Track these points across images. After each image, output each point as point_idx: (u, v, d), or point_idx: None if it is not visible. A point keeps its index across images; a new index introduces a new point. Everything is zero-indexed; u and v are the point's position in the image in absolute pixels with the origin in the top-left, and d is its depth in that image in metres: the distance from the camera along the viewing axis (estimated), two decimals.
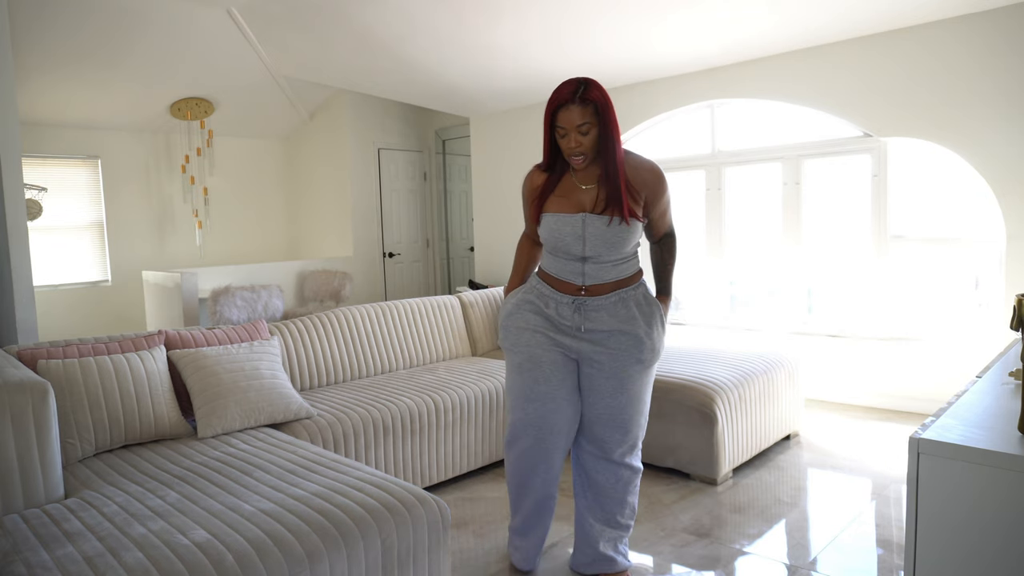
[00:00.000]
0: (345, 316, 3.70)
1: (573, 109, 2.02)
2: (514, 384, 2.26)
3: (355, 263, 7.28)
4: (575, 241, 2.13)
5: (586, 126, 2.03)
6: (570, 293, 2.19)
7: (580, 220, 2.12)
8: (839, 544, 2.60)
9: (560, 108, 2.04)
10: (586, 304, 2.17)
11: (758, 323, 5.06)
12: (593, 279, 2.16)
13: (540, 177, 2.22)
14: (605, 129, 2.06)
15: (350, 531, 1.76)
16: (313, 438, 2.76)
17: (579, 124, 2.03)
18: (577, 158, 2.09)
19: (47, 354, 2.53)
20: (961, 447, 1.25)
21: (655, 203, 2.20)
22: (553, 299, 2.21)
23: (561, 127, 2.06)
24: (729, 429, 3.21)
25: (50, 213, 6.41)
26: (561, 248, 2.16)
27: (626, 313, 2.17)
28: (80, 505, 1.94)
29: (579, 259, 2.16)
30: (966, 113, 3.95)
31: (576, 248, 2.14)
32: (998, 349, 3.81)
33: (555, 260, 2.21)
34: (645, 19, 4.29)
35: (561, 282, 2.20)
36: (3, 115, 3.72)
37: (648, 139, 5.65)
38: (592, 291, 2.17)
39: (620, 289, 2.18)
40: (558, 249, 2.18)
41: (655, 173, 2.18)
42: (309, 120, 7.63)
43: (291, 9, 4.88)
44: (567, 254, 2.17)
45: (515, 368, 2.25)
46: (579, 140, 2.05)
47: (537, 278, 2.29)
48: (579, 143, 2.05)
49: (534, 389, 2.20)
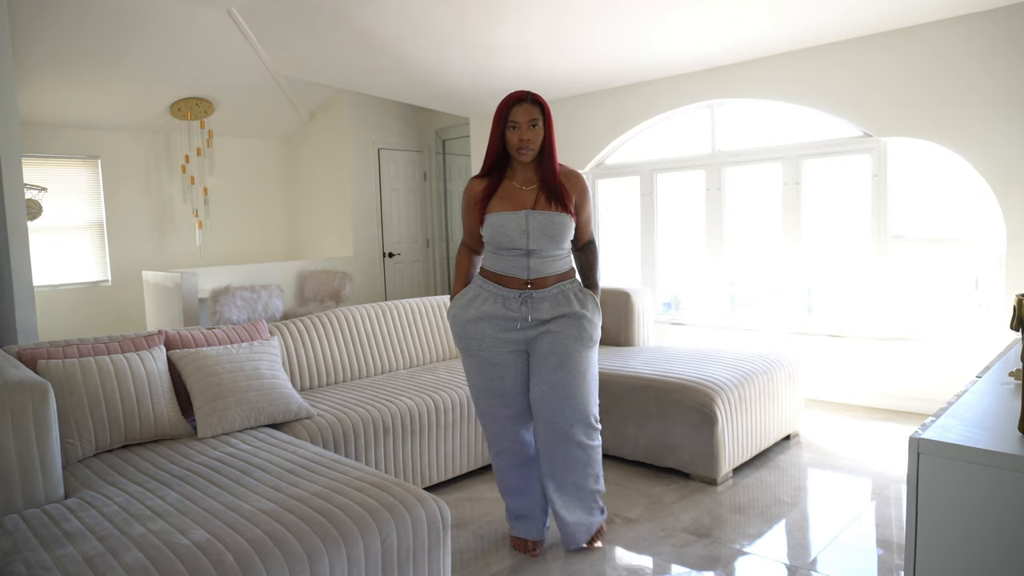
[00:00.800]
0: (345, 316, 3.70)
1: (526, 106, 2.33)
2: (473, 378, 2.52)
3: (355, 263, 7.28)
4: (520, 236, 2.35)
5: (535, 121, 2.34)
6: (516, 288, 2.40)
7: (523, 216, 2.36)
8: (839, 544, 2.60)
9: (515, 104, 2.34)
10: (532, 296, 2.39)
11: (758, 323, 5.06)
12: (537, 273, 2.40)
13: (480, 184, 2.45)
14: (548, 132, 2.38)
15: (350, 531, 1.76)
16: (313, 438, 2.76)
17: (531, 119, 2.33)
18: (524, 151, 2.35)
19: (47, 354, 2.53)
20: (961, 447, 1.25)
21: (582, 207, 2.48)
22: (500, 295, 2.41)
23: (514, 121, 2.33)
24: (729, 429, 3.21)
25: (50, 213, 6.41)
26: (506, 244, 2.37)
27: (566, 301, 2.42)
28: (80, 505, 1.94)
29: (524, 254, 2.38)
30: (966, 113, 3.95)
31: (521, 242, 2.36)
32: (998, 349, 3.81)
33: (499, 258, 2.42)
34: (645, 19, 4.29)
35: (507, 278, 2.41)
36: (3, 115, 3.72)
37: (648, 139, 5.66)
38: (536, 284, 2.40)
39: (560, 283, 2.43)
40: (503, 246, 2.38)
41: (581, 180, 2.49)
42: (309, 120, 7.63)
43: (291, 9, 4.88)
44: (512, 250, 2.38)
45: (472, 366, 2.49)
46: (529, 135, 2.33)
47: (481, 278, 2.47)
48: (529, 137, 2.33)
49: (490, 387, 2.47)
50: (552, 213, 2.36)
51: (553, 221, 2.36)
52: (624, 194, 5.82)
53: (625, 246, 5.87)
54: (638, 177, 5.69)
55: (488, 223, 2.38)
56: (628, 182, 5.78)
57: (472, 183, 2.48)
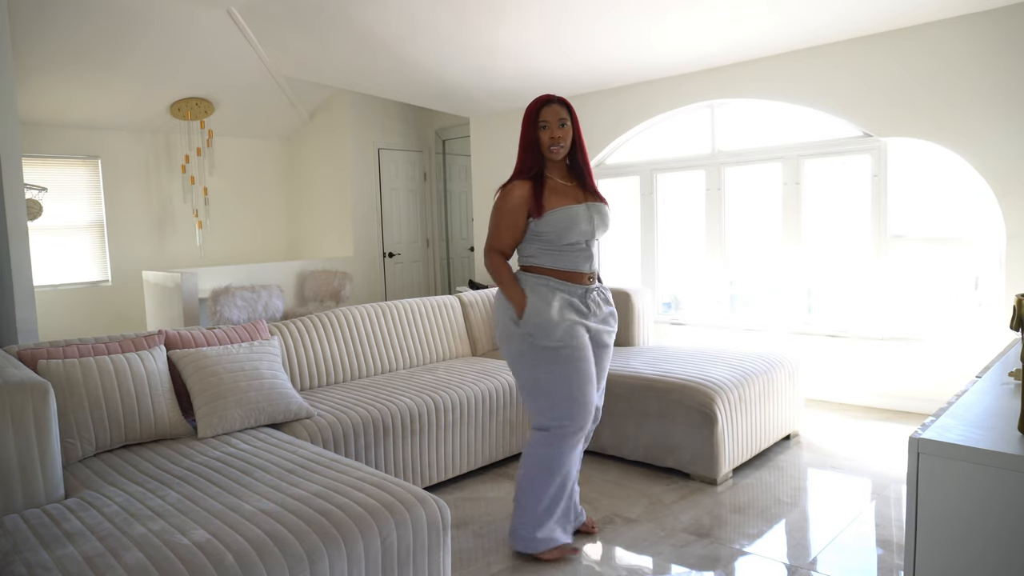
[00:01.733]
0: (345, 316, 3.70)
1: (554, 107, 2.44)
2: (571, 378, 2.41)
3: (355, 263, 7.28)
4: (588, 227, 2.43)
5: (564, 121, 2.44)
6: (582, 283, 2.47)
7: (586, 208, 2.45)
8: (839, 544, 2.60)
9: (544, 105, 2.44)
10: (591, 291, 2.49)
11: (758, 323, 5.06)
12: (596, 267, 2.52)
13: (524, 185, 2.45)
14: (576, 130, 2.49)
15: (350, 531, 1.76)
16: (313, 438, 2.76)
17: (559, 118, 2.43)
18: (557, 148, 2.43)
19: (47, 354, 2.53)
20: (961, 447, 1.25)
21: None
22: (568, 291, 2.45)
23: (545, 120, 2.43)
24: (729, 429, 3.21)
25: (50, 213, 6.41)
26: (574, 237, 2.41)
27: (605, 296, 2.56)
28: (80, 505, 1.94)
29: (587, 247, 2.47)
30: (966, 113, 3.95)
31: (589, 233, 2.44)
32: (998, 349, 3.81)
33: (562, 255, 2.44)
34: (645, 19, 4.29)
35: (574, 274, 2.45)
36: (3, 115, 3.72)
37: (648, 139, 5.66)
38: (595, 279, 2.52)
39: None
40: (569, 240, 2.42)
41: None
42: (309, 120, 7.63)
43: (291, 9, 4.88)
44: (578, 244, 2.44)
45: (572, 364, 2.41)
46: (559, 132, 2.43)
47: (543, 277, 2.45)
48: (560, 135, 2.43)
49: (591, 376, 2.45)
50: (603, 205, 2.51)
51: (605, 212, 2.50)
52: (624, 194, 5.81)
53: (625, 246, 5.87)
54: (638, 177, 5.69)
55: (554, 218, 2.40)
56: (628, 182, 5.78)
57: (514, 185, 2.45)
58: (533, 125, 2.43)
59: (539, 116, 2.42)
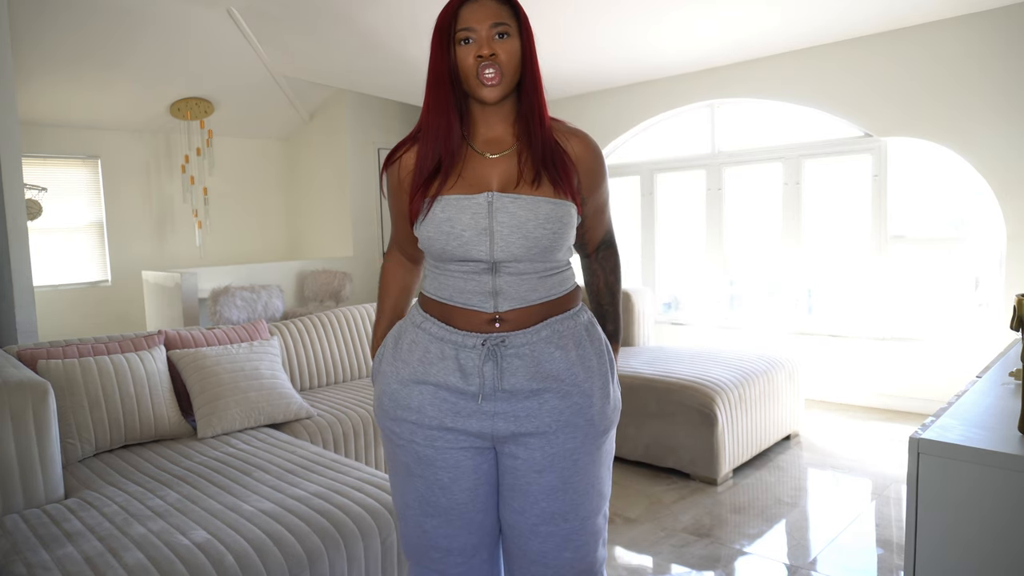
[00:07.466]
0: (345, 316, 3.70)
1: (485, 4, 1.28)
2: (401, 488, 1.43)
3: (355, 263, 7.28)
4: (478, 236, 1.30)
5: (504, 27, 1.28)
6: (476, 329, 1.33)
7: (484, 202, 1.30)
8: (839, 544, 2.60)
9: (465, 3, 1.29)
10: (503, 345, 1.31)
11: (758, 323, 5.06)
12: (510, 300, 1.32)
13: (410, 153, 1.38)
14: (527, 50, 1.31)
15: (350, 531, 1.76)
16: (313, 438, 2.76)
17: (494, 23, 1.27)
18: (490, 73, 1.26)
19: (47, 354, 2.53)
20: (961, 447, 1.25)
21: (592, 191, 1.41)
22: (448, 342, 1.34)
23: (467, 28, 1.27)
24: (729, 429, 3.21)
25: (50, 213, 6.41)
26: (456, 252, 1.32)
27: (563, 356, 1.34)
28: (80, 505, 1.94)
29: (486, 267, 1.32)
30: (966, 113, 3.95)
31: (480, 247, 1.30)
32: (998, 349, 3.81)
33: (447, 277, 1.36)
34: (645, 19, 4.29)
35: (460, 311, 1.34)
36: (3, 115, 3.72)
37: (648, 139, 5.66)
38: (510, 321, 1.33)
39: (552, 317, 1.35)
40: (451, 255, 1.33)
41: (592, 147, 1.40)
42: (309, 120, 7.63)
43: (291, 9, 4.88)
44: (466, 261, 1.33)
45: (401, 468, 1.41)
46: (494, 47, 1.27)
47: (420, 313, 1.41)
48: (494, 52, 1.27)
49: (432, 503, 1.38)
50: (536, 198, 1.30)
51: (538, 210, 1.30)
52: (624, 194, 5.82)
53: (625, 246, 5.87)
54: (638, 177, 5.69)
55: (430, 216, 1.32)
56: (628, 182, 5.78)
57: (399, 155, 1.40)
58: (446, 39, 1.29)
59: (458, 21, 1.28)
